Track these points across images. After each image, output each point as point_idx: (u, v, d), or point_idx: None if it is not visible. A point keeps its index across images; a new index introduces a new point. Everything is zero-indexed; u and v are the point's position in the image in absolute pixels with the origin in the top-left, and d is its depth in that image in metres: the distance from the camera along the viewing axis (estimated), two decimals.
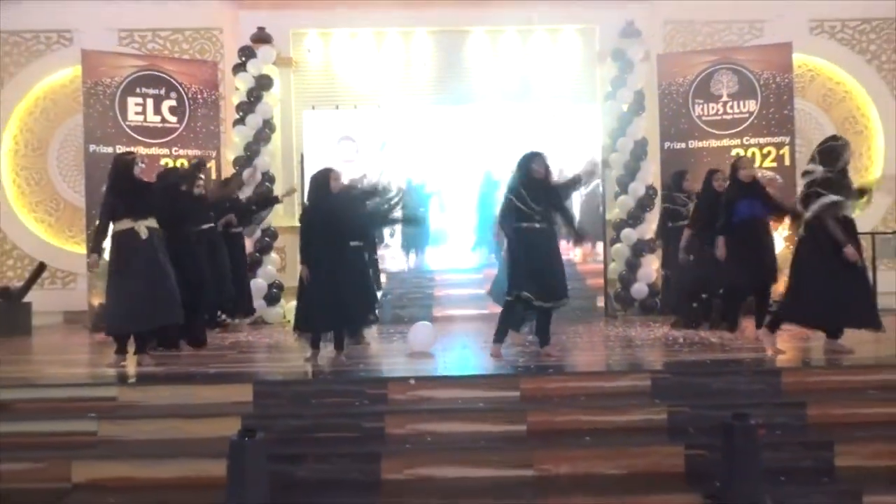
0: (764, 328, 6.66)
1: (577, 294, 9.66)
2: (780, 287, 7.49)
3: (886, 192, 6.73)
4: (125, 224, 6.47)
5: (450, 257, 12.48)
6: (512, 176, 6.78)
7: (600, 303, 10.11)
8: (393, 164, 11.16)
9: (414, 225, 9.71)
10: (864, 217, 11.19)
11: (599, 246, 10.66)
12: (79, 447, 5.10)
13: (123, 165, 6.62)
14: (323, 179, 6.85)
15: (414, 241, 12.37)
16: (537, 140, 10.11)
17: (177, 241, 6.94)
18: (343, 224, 6.79)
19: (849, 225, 6.28)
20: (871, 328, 6.21)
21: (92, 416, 5.28)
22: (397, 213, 8.21)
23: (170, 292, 6.52)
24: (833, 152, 6.32)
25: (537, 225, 6.55)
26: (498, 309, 8.40)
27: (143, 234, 6.46)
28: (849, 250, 6.06)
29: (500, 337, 6.72)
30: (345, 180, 7.40)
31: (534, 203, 6.52)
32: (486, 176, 12.44)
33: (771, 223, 7.63)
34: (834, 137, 6.67)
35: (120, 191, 6.57)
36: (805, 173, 6.47)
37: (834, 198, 6.17)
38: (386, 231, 10.82)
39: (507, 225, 6.70)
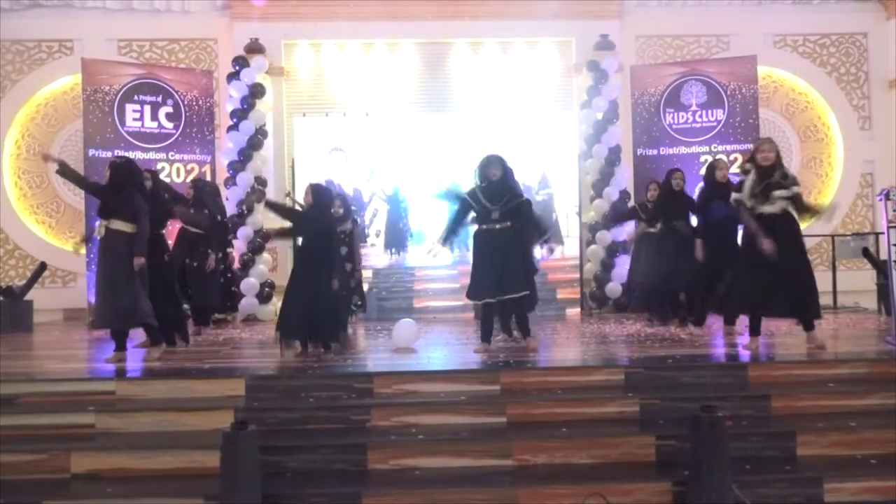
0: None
1: (548, 306, 9.70)
2: None
3: (826, 220, 6.83)
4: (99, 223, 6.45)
5: (426, 254, 12.62)
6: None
7: (570, 313, 10.04)
8: (380, 171, 11.18)
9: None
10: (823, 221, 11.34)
11: (561, 250, 10.73)
12: (78, 439, 5.06)
13: (109, 168, 6.57)
14: (328, 200, 6.97)
15: (396, 241, 12.53)
16: (516, 146, 10.19)
17: (157, 241, 6.82)
18: (330, 248, 6.89)
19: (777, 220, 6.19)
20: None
21: (91, 409, 5.24)
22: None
23: (117, 297, 6.22)
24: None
25: (497, 226, 6.51)
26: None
27: (100, 233, 6.38)
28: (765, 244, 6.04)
29: (485, 337, 6.72)
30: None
31: (488, 202, 6.48)
32: (453, 184, 12.58)
33: None
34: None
35: (95, 190, 6.58)
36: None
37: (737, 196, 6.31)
38: (372, 231, 10.91)
39: (459, 228, 6.71)
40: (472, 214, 6.70)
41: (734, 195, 6.34)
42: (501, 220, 6.51)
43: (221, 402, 5.36)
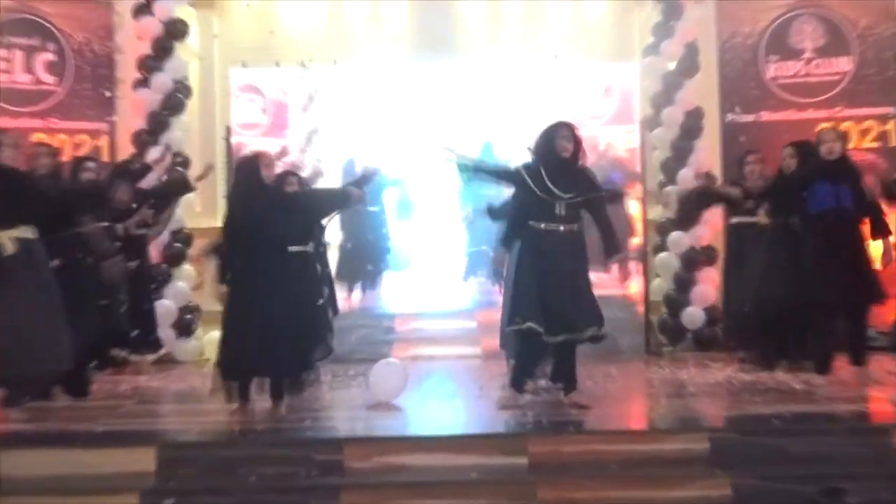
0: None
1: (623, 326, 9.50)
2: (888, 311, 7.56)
3: None
4: None
5: (421, 291, 11.84)
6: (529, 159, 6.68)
7: (631, 352, 9.89)
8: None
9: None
10: None
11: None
12: None
13: None
14: (250, 168, 6.86)
15: (359, 267, 11.38)
16: (550, 108, 10.16)
17: (57, 250, 6.85)
18: (280, 225, 6.75)
19: None
20: None
21: None
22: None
23: (53, 329, 6.36)
24: None
25: (561, 227, 6.44)
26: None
27: (9, 249, 6.34)
28: None
29: (518, 384, 6.64)
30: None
31: (558, 189, 6.41)
32: (486, 149, 11.95)
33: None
34: None
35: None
36: None
37: None
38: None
39: (518, 226, 6.59)
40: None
41: None
42: (568, 219, 6.47)
43: (122, 482, 5.34)
